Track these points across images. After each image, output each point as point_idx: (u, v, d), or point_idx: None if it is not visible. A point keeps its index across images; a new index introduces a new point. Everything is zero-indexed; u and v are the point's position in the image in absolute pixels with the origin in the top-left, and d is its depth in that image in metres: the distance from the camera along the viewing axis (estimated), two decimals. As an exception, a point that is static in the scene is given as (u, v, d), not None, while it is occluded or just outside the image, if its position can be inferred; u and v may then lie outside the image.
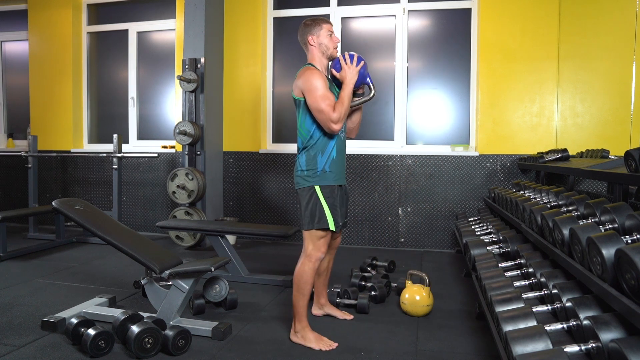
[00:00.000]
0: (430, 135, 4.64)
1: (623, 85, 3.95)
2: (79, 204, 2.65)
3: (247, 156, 4.90)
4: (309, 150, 2.26)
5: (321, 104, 2.15)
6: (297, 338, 2.26)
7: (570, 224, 1.80)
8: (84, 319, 2.22)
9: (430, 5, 4.57)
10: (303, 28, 2.33)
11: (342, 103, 2.19)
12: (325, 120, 2.17)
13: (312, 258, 2.24)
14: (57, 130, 5.43)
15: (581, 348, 1.38)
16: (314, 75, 2.19)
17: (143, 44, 5.39)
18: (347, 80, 2.23)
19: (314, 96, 2.17)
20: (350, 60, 2.26)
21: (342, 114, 2.18)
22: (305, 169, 2.26)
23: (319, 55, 2.32)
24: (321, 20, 2.33)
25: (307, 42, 2.32)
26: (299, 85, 2.22)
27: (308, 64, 2.31)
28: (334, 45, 2.32)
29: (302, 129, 2.28)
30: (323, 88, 2.17)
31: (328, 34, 2.31)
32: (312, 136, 2.25)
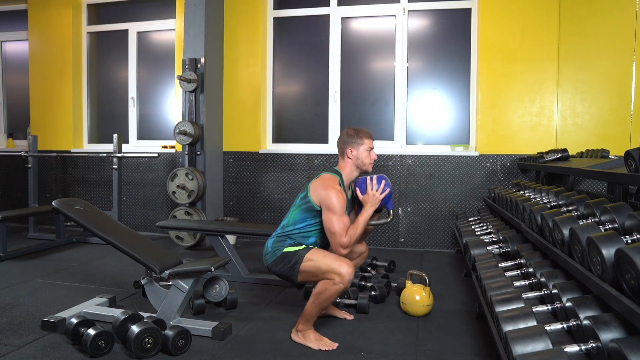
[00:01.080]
0: (430, 135, 4.65)
1: (623, 85, 3.95)
2: (79, 204, 2.65)
3: (247, 156, 4.90)
4: (282, 236, 2.29)
5: (336, 226, 2.16)
6: (297, 337, 2.26)
7: (570, 224, 1.80)
8: (84, 319, 2.22)
9: (430, 5, 4.57)
10: (345, 137, 2.34)
11: (356, 228, 2.21)
12: (334, 242, 2.19)
13: (344, 279, 2.08)
14: (57, 130, 5.43)
15: (581, 348, 1.38)
16: (337, 196, 2.17)
17: (143, 44, 5.39)
18: (368, 207, 2.25)
19: (330, 217, 2.17)
20: (378, 185, 2.27)
21: (353, 240, 2.20)
22: (271, 249, 2.29)
23: (352, 167, 2.34)
24: (364, 134, 2.33)
25: (345, 152, 2.33)
26: (320, 196, 2.21)
27: (336, 174, 2.32)
28: (370, 162, 2.33)
29: (293, 214, 2.30)
30: (341, 212, 2.17)
31: (367, 150, 2.32)
32: (295, 228, 2.28)
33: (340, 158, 2.37)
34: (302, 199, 2.30)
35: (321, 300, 2.16)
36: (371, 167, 2.36)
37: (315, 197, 2.24)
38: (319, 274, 2.14)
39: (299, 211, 2.29)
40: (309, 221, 2.28)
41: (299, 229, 2.28)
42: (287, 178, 4.78)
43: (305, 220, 2.28)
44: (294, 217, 2.30)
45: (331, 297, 2.14)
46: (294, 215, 2.30)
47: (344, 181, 2.32)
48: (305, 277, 2.20)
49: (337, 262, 2.11)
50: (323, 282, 2.13)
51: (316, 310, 2.20)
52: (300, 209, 2.29)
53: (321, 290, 2.14)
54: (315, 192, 2.24)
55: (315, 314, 2.22)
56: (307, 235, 2.30)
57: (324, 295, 2.14)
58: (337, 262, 2.11)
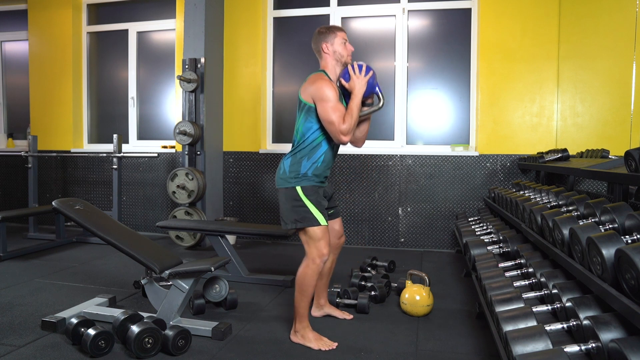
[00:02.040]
0: (430, 135, 4.65)
1: (623, 85, 3.94)
2: (79, 204, 2.65)
3: (247, 156, 4.90)
4: (296, 154, 2.27)
5: (332, 115, 2.16)
6: (297, 338, 2.27)
7: (570, 224, 1.80)
8: (84, 319, 2.22)
9: (430, 5, 4.57)
10: (317, 35, 2.34)
11: (351, 114, 2.19)
12: (334, 131, 2.18)
13: (316, 260, 2.21)
14: (57, 130, 5.43)
15: (581, 348, 1.38)
16: (327, 85, 2.19)
17: (143, 44, 5.39)
18: (356, 91, 2.23)
19: (325, 107, 2.17)
20: (359, 70, 2.25)
21: (352, 125, 2.19)
22: (288, 171, 2.27)
23: (333, 63, 2.32)
24: (335, 28, 2.33)
25: (321, 50, 2.32)
26: (310, 92, 2.22)
27: (320, 71, 2.32)
28: (347, 53, 2.33)
29: (299, 130, 2.29)
30: (334, 99, 2.17)
31: (342, 42, 2.31)
32: (304, 140, 2.26)
33: (320, 58, 2.36)
34: (298, 108, 2.30)
35: (303, 288, 2.22)
36: (350, 58, 2.34)
37: (307, 96, 2.23)
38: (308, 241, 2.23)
39: (301, 120, 2.27)
40: (313, 125, 2.25)
41: (309, 141, 2.25)
42: (287, 178, 4.77)
43: (310, 127, 2.25)
44: (300, 129, 2.28)
45: (311, 281, 2.22)
46: (299, 127, 2.28)
47: (330, 77, 2.31)
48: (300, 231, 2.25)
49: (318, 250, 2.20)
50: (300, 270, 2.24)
51: (303, 301, 2.23)
52: (301, 118, 2.27)
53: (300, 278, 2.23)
54: (305, 92, 2.24)
55: (304, 305, 2.24)
56: (317, 144, 2.26)
57: (305, 281, 2.22)
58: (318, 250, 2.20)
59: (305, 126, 2.26)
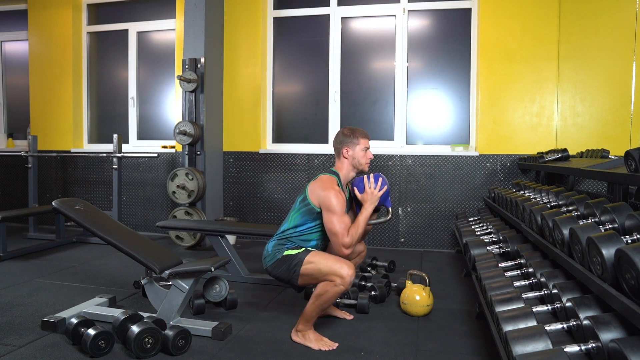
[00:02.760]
0: (430, 135, 4.64)
1: (623, 85, 3.95)
2: (79, 204, 2.65)
3: (247, 156, 4.90)
4: (282, 239, 2.28)
5: (337, 227, 2.16)
6: (297, 337, 2.26)
7: (570, 224, 1.80)
8: (84, 319, 2.22)
9: (430, 5, 4.57)
10: (341, 137, 2.35)
11: (357, 227, 2.20)
12: (337, 243, 2.18)
13: (345, 281, 2.07)
14: (57, 130, 5.43)
15: (581, 348, 1.38)
16: (336, 197, 2.17)
17: (143, 44, 5.39)
18: (367, 205, 2.25)
19: (331, 218, 2.17)
20: (375, 183, 2.27)
21: (355, 239, 2.19)
22: (271, 250, 2.28)
23: (349, 168, 2.35)
24: (359, 134, 2.34)
25: (341, 153, 2.34)
26: (319, 197, 2.21)
27: (334, 174, 2.32)
28: (366, 162, 2.34)
29: (293, 217, 2.29)
30: (341, 212, 2.17)
31: (363, 149, 2.33)
32: (296, 230, 2.28)
33: (337, 158, 2.38)
34: (301, 202, 2.30)
35: (321, 302, 2.15)
36: (367, 166, 2.36)
37: (314, 199, 2.23)
38: (319, 276, 2.13)
39: (298, 214, 2.28)
40: (310, 224, 2.27)
41: (300, 232, 2.28)
42: (287, 178, 4.78)
43: (306, 223, 2.27)
44: (294, 221, 2.29)
45: (332, 299, 2.14)
46: (294, 218, 2.29)
47: (341, 181, 2.33)
48: (305, 280, 2.19)
49: (338, 263, 2.10)
50: (323, 284, 2.12)
51: (316, 312, 2.20)
52: (300, 212, 2.28)
53: (321, 292, 2.14)
54: (314, 194, 2.24)
55: (315, 315, 2.22)
56: (308, 238, 2.30)
57: (325, 297, 2.13)
58: (338, 263, 2.10)
59: (302, 220, 2.27)
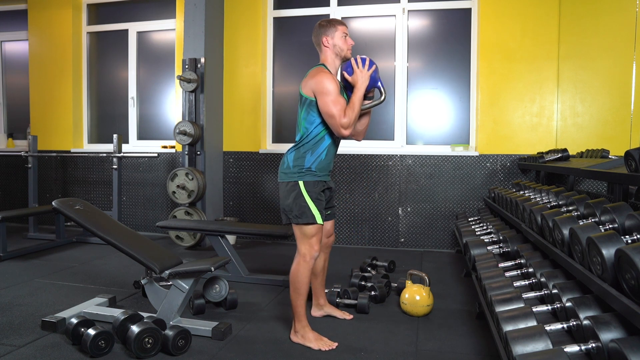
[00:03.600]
0: (430, 135, 4.64)
1: (623, 85, 3.95)
2: (79, 204, 2.65)
3: (247, 156, 4.90)
4: (300, 148, 2.27)
5: (333, 108, 2.15)
6: (297, 338, 2.27)
7: (570, 224, 1.80)
8: (84, 319, 2.22)
9: (430, 5, 4.57)
10: (318, 29, 2.33)
11: (353, 108, 2.19)
12: (335, 125, 2.18)
13: (306, 257, 2.23)
14: (57, 130, 5.43)
15: (581, 348, 1.38)
16: (327, 78, 2.18)
17: (143, 44, 5.39)
18: (359, 85, 2.23)
19: (326, 100, 2.17)
20: (362, 64, 2.25)
21: (352, 119, 2.19)
22: (292, 165, 2.26)
23: (332, 56, 2.32)
24: (336, 22, 2.33)
25: (321, 43, 2.32)
26: (311, 85, 2.22)
27: (320, 65, 2.32)
28: (348, 47, 2.32)
29: (301, 125, 2.28)
30: (335, 92, 2.17)
31: (343, 36, 2.31)
32: (308, 134, 2.26)
33: (320, 52, 2.35)
34: (300, 103, 2.29)
35: (297, 285, 2.24)
36: (350, 52, 2.33)
37: (307, 90, 2.23)
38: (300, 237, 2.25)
39: (303, 115, 2.27)
40: (315, 119, 2.24)
41: (312, 135, 2.25)
42: (287, 178, 4.77)
43: (312, 121, 2.24)
44: (302, 124, 2.27)
45: (304, 279, 2.23)
46: (301, 122, 2.28)
47: (330, 71, 2.30)
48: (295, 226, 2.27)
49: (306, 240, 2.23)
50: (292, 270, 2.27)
51: (299, 299, 2.24)
52: (303, 113, 2.27)
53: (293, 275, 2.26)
54: (306, 86, 2.24)
55: (300, 303, 2.25)
56: (320, 138, 2.26)
57: (297, 279, 2.24)
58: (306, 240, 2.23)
59: (307, 120, 2.25)
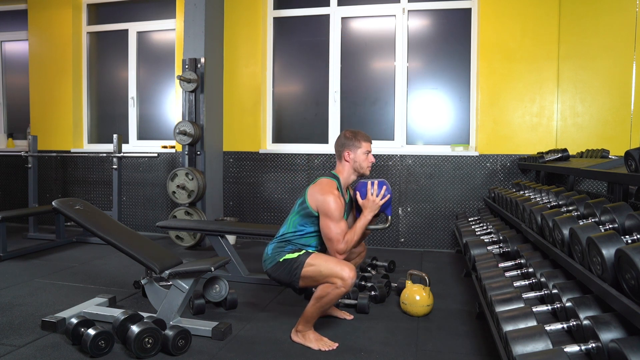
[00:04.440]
0: (430, 135, 4.64)
1: (623, 85, 3.95)
2: (79, 204, 2.65)
3: (247, 156, 4.90)
4: (282, 242, 2.27)
5: (332, 232, 2.15)
6: (297, 337, 2.27)
7: (570, 224, 1.80)
8: (84, 319, 2.22)
9: (430, 5, 4.57)
10: (342, 139, 2.32)
11: (354, 233, 2.20)
12: (331, 248, 2.18)
13: (347, 283, 2.07)
14: (57, 130, 5.43)
15: (581, 348, 1.37)
16: (335, 201, 2.15)
17: (143, 44, 5.39)
18: (366, 212, 2.24)
19: (327, 223, 2.16)
20: (379, 190, 2.26)
21: (350, 245, 2.19)
22: (271, 253, 2.26)
23: (350, 171, 2.32)
24: (361, 137, 2.31)
25: (342, 156, 2.31)
26: (317, 201, 2.19)
27: (334, 177, 2.30)
28: (367, 165, 2.31)
29: (292, 224, 2.27)
30: (339, 216, 2.16)
31: (365, 153, 2.30)
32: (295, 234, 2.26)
33: (338, 161, 2.35)
34: (300, 204, 2.28)
35: (322, 304, 2.15)
36: (369, 170, 2.34)
37: (312, 202, 2.22)
38: (320, 279, 2.12)
39: (297, 217, 2.27)
40: (308, 228, 2.26)
41: (299, 236, 2.27)
42: (287, 178, 4.78)
43: (305, 226, 2.26)
44: (293, 224, 2.27)
45: (332, 301, 2.13)
46: (293, 222, 2.28)
47: (341, 185, 2.31)
48: (307, 283, 2.17)
49: (339, 265, 2.09)
50: (324, 286, 2.11)
51: (317, 314, 2.20)
52: (299, 216, 2.27)
53: (322, 294, 2.12)
54: (312, 198, 2.22)
55: (315, 316, 2.22)
56: (308, 242, 2.29)
57: (326, 299, 2.12)
58: (339, 265, 2.09)
59: (300, 223, 2.26)
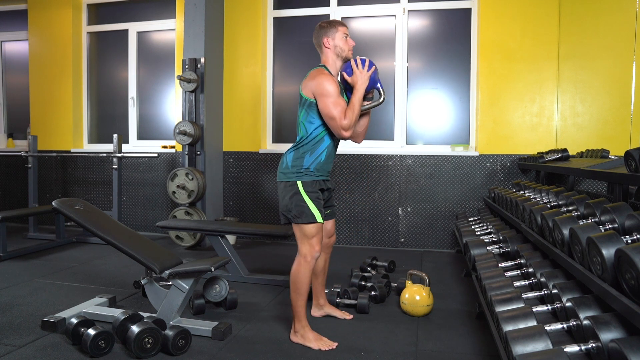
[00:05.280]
0: (430, 135, 4.64)
1: (623, 85, 3.94)
2: (79, 204, 2.65)
3: (247, 156, 4.90)
4: (299, 148, 2.27)
5: (333, 110, 2.16)
6: (296, 338, 2.27)
7: (570, 224, 1.80)
8: (84, 319, 2.22)
9: (430, 5, 4.57)
10: (318, 30, 2.33)
11: (353, 109, 2.20)
12: (336, 126, 2.18)
13: (307, 257, 2.23)
14: (57, 130, 5.43)
15: (581, 348, 1.37)
16: (328, 80, 2.18)
17: (143, 44, 5.39)
18: (358, 86, 2.23)
19: (326, 102, 2.17)
20: (362, 65, 2.26)
21: (353, 120, 2.19)
22: (291, 165, 2.27)
23: (333, 57, 2.32)
24: (337, 23, 2.33)
25: (322, 44, 2.32)
26: (311, 87, 2.22)
27: (321, 66, 2.32)
28: (349, 48, 2.32)
29: (301, 126, 2.29)
30: (335, 94, 2.17)
31: (343, 37, 2.31)
32: (308, 135, 2.26)
33: (320, 53, 2.36)
34: (300, 104, 2.29)
35: (297, 285, 2.24)
36: (350, 53, 2.33)
37: (307, 91, 2.23)
38: (299, 237, 2.25)
39: (303, 116, 2.27)
40: (315, 120, 2.24)
41: (312, 136, 2.25)
42: (287, 178, 4.77)
43: (312, 122, 2.24)
44: (302, 126, 2.27)
45: (304, 277, 2.23)
46: (302, 123, 2.28)
47: (330, 72, 2.31)
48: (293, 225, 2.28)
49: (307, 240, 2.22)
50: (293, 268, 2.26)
51: (299, 300, 2.24)
52: (303, 114, 2.27)
53: (294, 276, 2.25)
54: (306, 87, 2.24)
55: (300, 303, 2.25)
56: (320, 139, 2.26)
57: (298, 279, 2.24)
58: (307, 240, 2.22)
59: (307, 121, 2.26)
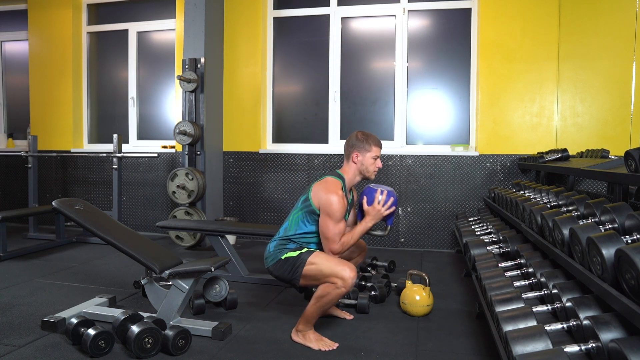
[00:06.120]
0: (430, 135, 4.64)
1: (623, 85, 3.95)
2: (79, 204, 2.65)
3: (247, 156, 4.90)
4: (284, 240, 2.27)
5: (330, 232, 2.16)
6: (297, 337, 2.26)
7: (570, 224, 1.80)
8: (84, 319, 2.22)
9: (430, 5, 4.57)
10: (354, 139, 2.32)
11: (352, 237, 2.21)
12: (326, 246, 2.20)
13: (347, 283, 2.07)
14: (57, 130, 5.43)
15: (581, 348, 1.38)
16: (338, 202, 2.16)
17: (143, 44, 5.39)
18: (369, 220, 2.25)
19: (327, 222, 2.17)
20: (385, 202, 2.26)
21: (346, 248, 2.20)
22: (273, 250, 2.27)
23: (356, 172, 2.33)
24: (372, 141, 2.32)
25: (351, 156, 2.32)
26: (320, 199, 2.20)
27: (339, 178, 2.30)
28: (374, 169, 2.33)
29: (294, 222, 2.28)
30: (339, 217, 2.17)
31: (373, 158, 2.31)
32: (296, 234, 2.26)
33: (345, 161, 2.36)
34: (303, 201, 2.29)
35: (322, 304, 2.15)
36: (374, 175, 2.34)
37: (316, 200, 2.23)
38: (321, 278, 2.12)
39: (300, 214, 2.28)
40: (310, 227, 2.27)
41: (300, 234, 2.27)
42: (287, 178, 4.78)
43: (306, 225, 2.26)
44: (295, 221, 2.28)
45: (333, 301, 2.14)
46: (295, 219, 2.28)
47: (346, 186, 2.31)
48: (307, 281, 2.18)
49: (340, 265, 2.09)
50: (325, 286, 2.12)
51: (317, 313, 2.20)
52: (301, 212, 2.27)
53: (323, 293, 2.13)
54: (316, 196, 2.23)
55: (316, 316, 2.22)
56: (309, 240, 2.29)
57: (326, 298, 2.13)
58: (340, 265, 2.09)
59: (302, 222, 2.26)
